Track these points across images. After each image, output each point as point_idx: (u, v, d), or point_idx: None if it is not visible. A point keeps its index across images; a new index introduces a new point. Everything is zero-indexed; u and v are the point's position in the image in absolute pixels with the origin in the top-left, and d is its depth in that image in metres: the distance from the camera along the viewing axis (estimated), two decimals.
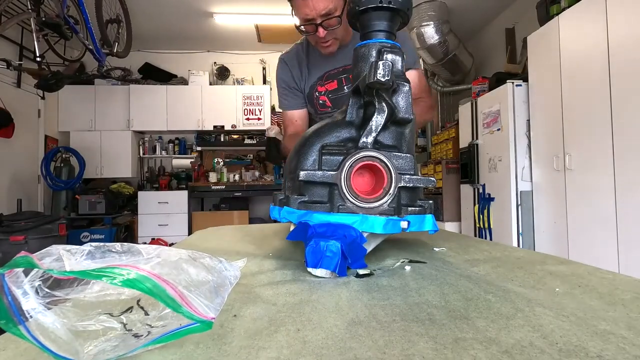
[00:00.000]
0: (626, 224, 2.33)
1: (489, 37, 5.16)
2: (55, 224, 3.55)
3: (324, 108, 1.38)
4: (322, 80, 1.36)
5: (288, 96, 1.40)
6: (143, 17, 4.80)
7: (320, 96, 1.37)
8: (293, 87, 1.39)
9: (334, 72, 1.35)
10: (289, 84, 1.39)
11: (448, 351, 0.29)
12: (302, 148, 0.62)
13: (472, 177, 3.88)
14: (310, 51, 1.37)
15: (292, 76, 1.38)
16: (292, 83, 1.38)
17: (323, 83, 1.35)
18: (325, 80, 1.35)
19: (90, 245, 0.31)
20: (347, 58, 1.34)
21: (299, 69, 1.38)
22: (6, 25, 3.09)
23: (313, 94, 1.38)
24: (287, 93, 1.39)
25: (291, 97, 1.40)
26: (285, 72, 1.39)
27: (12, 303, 0.24)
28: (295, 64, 1.38)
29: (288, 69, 1.38)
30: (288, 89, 1.39)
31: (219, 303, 0.31)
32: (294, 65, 1.38)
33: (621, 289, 0.45)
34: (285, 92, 1.40)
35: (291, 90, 1.39)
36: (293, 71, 1.38)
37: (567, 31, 2.85)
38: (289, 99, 1.40)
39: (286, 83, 1.39)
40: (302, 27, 1.19)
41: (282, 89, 1.41)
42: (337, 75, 1.35)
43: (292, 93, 1.39)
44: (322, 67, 1.35)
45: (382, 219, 0.56)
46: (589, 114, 2.62)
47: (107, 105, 5.68)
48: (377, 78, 0.54)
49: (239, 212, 5.57)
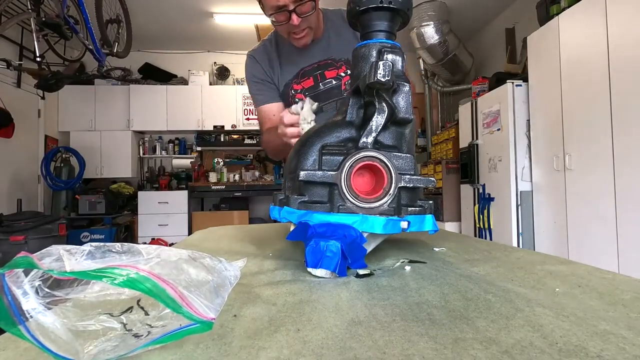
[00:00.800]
0: (626, 224, 2.33)
1: (489, 37, 5.16)
2: (55, 224, 3.55)
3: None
4: (297, 78, 1.31)
5: (262, 90, 1.33)
6: (143, 17, 4.80)
7: (296, 94, 1.32)
8: (266, 80, 1.32)
9: (309, 68, 1.30)
10: (260, 78, 1.32)
11: (448, 351, 0.29)
12: (302, 148, 0.62)
13: (472, 177, 3.88)
14: (280, 47, 1.32)
15: (264, 70, 1.32)
16: (264, 76, 1.32)
17: (299, 81, 1.31)
18: (301, 78, 1.30)
19: (90, 245, 0.31)
20: (320, 53, 1.30)
21: (270, 65, 1.32)
22: (6, 25, 3.09)
23: (288, 92, 1.32)
24: (261, 87, 1.33)
25: (265, 91, 1.33)
26: (255, 67, 1.33)
27: (12, 303, 0.24)
28: (265, 59, 1.32)
29: (258, 64, 1.32)
30: (261, 82, 1.32)
31: (219, 303, 0.31)
32: (264, 60, 1.32)
33: (621, 289, 0.45)
34: (259, 86, 1.33)
35: (264, 84, 1.32)
36: (263, 66, 1.32)
37: (567, 31, 2.85)
38: (264, 93, 1.33)
39: (257, 77, 1.32)
40: (273, 18, 1.12)
41: (254, 84, 1.33)
42: (312, 71, 1.30)
43: (266, 86, 1.33)
44: (296, 63, 1.30)
45: (382, 219, 0.56)
46: (589, 113, 2.62)
47: (107, 105, 5.68)
48: (377, 78, 0.54)
49: (239, 212, 5.57)
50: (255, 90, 1.34)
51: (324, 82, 1.32)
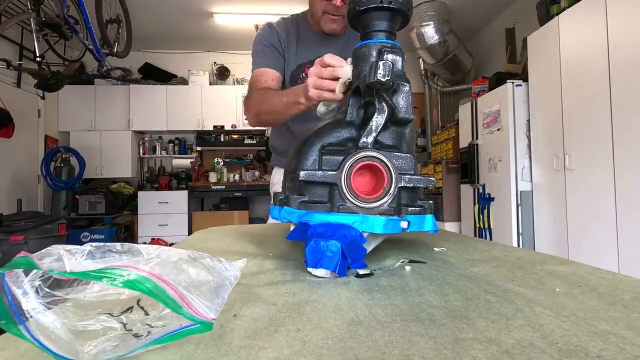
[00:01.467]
0: (626, 224, 2.33)
1: (489, 37, 5.16)
2: (55, 224, 3.55)
3: None
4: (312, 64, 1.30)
5: (268, 54, 1.23)
6: (143, 17, 4.80)
7: (305, 79, 1.26)
8: (276, 48, 1.24)
9: None
10: (271, 43, 1.24)
11: (448, 351, 0.29)
12: (302, 148, 0.62)
13: (472, 177, 3.88)
14: (301, 28, 1.28)
15: (278, 39, 1.25)
16: (277, 44, 1.24)
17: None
18: None
19: (91, 245, 0.31)
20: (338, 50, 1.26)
21: (286, 38, 1.26)
22: (6, 25, 3.09)
23: (299, 74, 1.27)
24: (267, 51, 1.23)
25: (271, 56, 1.23)
26: (270, 34, 1.25)
27: (12, 303, 0.24)
28: (283, 31, 1.27)
29: (274, 32, 1.25)
30: (270, 47, 1.24)
31: (219, 303, 0.31)
32: (282, 32, 1.26)
33: (621, 289, 0.45)
34: (266, 50, 1.23)
35: (272, 49, 1.24)
36: (280, 35, 1.25)
37: (567, 31, 2.85)
38: (269, 57, 1.23)
39: (268, 42, 1.24)
40: None
41: (262, 47, 1.23)
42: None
43: (274, 53, 1.24)
44: (315, 50, 1.24)
45: (382, 219, 0.56)
46: (589, 113, 2.62)
47: (107, 105, 5.68)
48: (377, 78, 0.54)
49: (239, 212, 5.57)
50: (261, 52, 1.24)
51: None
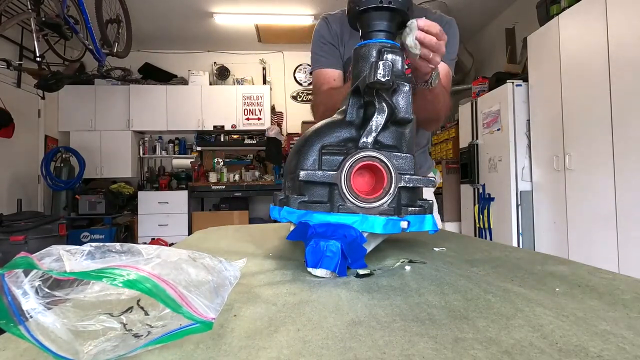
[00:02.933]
0: (626, 224, 2.33)
1: (489, 37, 5.16)
2: (55, 224, 3.55)
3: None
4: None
5: (327, 53, 1.23)
6: (143, 17, 4.80)
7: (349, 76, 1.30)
8: (333, 45, 1.24)
9: None
10: (328, 40, 1.24)
11: (448, 351, 0.29)
12: (302, 148, 0.62)
13: (472, 177, 3.88)
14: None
15: (333, 35, 1.23)
16: (333, 40, 1.24)
17: None
18: None
19: (90, 245, 0.31)
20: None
21: (341, 31, 1.24)
22: (6, 25, 3.09)
23: (347, 68, 1.25)
24: (326, 49, 1.24)
25: (330, 55, 1.23)
26: (325, 28, 1.24)
27: (12, 303, 0.24)
28: (338, 24, 1.24)
29: (330, 26, 1.24)
30: (328, 45, 1.24)
31: (219, 303, 0.31)
32: (337, 25, 1.24)
33: (621, 289, 0.45)
34: (325, 47, 1.24)
35: (330, 47, 1.24)
36: (335, 29, 1.24)
37: (567, 31, 2.85)
38: (328, 57, 1.23)
39: (325, 39, 1.24)
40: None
41: (320, 45, 1.24)
42: None
43: (332, 50, 1.24)
44: None
45: (382, 219, 0.56)
46: (589, 113, 2.62)
47: (107, 105, 5.68)
48: (377, 78, 0.54)
49: (239, 212, 5.57)
50: (320, 51, 1.25)
51: None
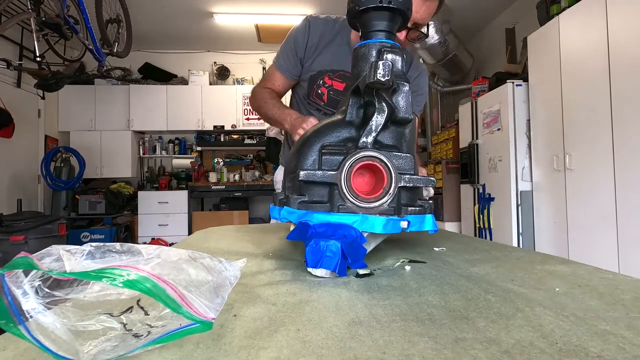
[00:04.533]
0: (626, 224, 2.33)
1: (489, 37, 5.16)
2: (55, 224, 3.55)
3: (318, 99, 1.31)
4: (333, 74, 1.28)
5: (289, 60, 1.31)
6: (143, 17, 4.80)
7: (322, 87, 1.29)
8: (298, 55, 1.29)
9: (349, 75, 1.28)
10: (296, 47, 1.29)
11: (448, 351, 0.29)
12: (302, 148, 0.62)
13: (472, 177, 3.88)
14: (339, 35, 1.28)
15: (306, 44, 1.28)
16: (301, 49, 1.29)
17: (333, 77, 1.28)
18: (336, 77, 1.28)
19: (90, 245, 0.31)
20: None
21: (318, 41, 1.28)
22: (6, 25, 3.09)
23: (317, 80, 1.29)
24: (290, 57, 1.30)
25: (291, 63, 1.31)
26: (301, 35, 1.28)
27: (12, 303, 0.24)
28: (318, 31, 1.28)
29: (307, 34, 1.27)
30: (294, 53, 1.29)
31: (219, 303, 0.31)
32: (316, 32, 1.27)
33: (621, 289, 0.45)
34: (290, 54, 1.30)
35: (294, 55, 1.30)
36: (311, 38, 1.27)
37: (567, 31, 2.85)
38: (288, 64, 1.31)
39: (294, 45, 1.29)
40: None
41: (289, 49, 1.30)
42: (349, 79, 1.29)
43: (293, 58, 1.30)
44: (341, 63, 1.27)
45: (382, 219, 0.56)
46: (589, 113, 2.62)
47: (107, 105, 5.68)
48: (377, 78, 0.54)
49: (239, 212, 5.57)
50: (284, 53, 1.32)
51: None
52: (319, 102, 1.31)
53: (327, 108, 1.31)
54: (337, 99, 1.29)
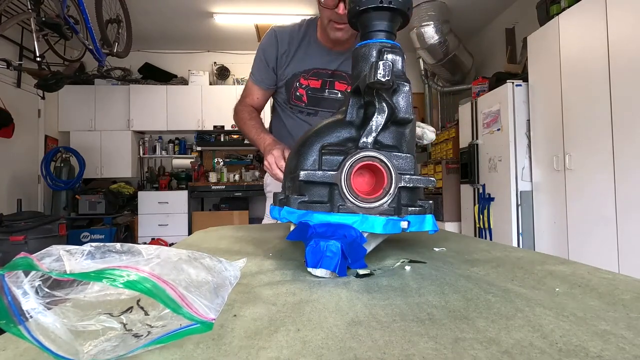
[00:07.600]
0: (626, 224, 2.33)
1: (489, 37, 5.16)
2: (55, 224, 3.55)
3: (298, 101, 1.35)
4: (308, 74, 1.32)
5: (262, 71, 1.36)
6: (143, 17, 4.80)
7: (299, 88, 1.33)
8: (270, 64, 1.34)
9: (323, 71, 1.31)
10: (267, 58, 1.33)
11: (448, 351, 0.29)
12: (302, 148, 0.62)
13: (472, 177, 3.88)
14: (307, 37, 1.32)
15: (276, 53, 1.32)
16: (272, 59, 1.33)
17: (307, 77, 1.32)
18: (311, 76, 1.31)
19: (90, 245, 0.31)
20: (340, 64, 1.31)
21: (288, 46, 1.32)
22: (6, 25, 3.09)
23: (293, 83, 1.33)
24: (262, 68, 1.35)
25: (265, 74, 1.36)
26: (271, 46, 1.33)
27: (12, 303, 0.24)
28: (285, 40, 1.32)
29: (275, 44, 1.32)
30: (266, 65, 1.34)
31: (219, 303, 0.31)
32: (284, 41, 1.32)
33: (621, 289, 0.45)
34: (260, 65, 1.35)
35: (266, 66, 1.34)
36: (280, 47, 1.32)
37: (567, 31, 2.85)
38: (262, 75, 1.36)
39: (265, 57, 1.34)
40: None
41: (260, 61, 1.35)
42: (324, 76, 1.31)
43: (266, 69, 1.35)
44: (313, 61, 1.31)
45: (382, 219, 0.56)
46: (589, 113, 2.62)
47: (107, 105, 5.68)
48: (377, 78, 0.54)
49: (239, 212, 5.57)
50: (256, 66, 1.37)
51: (331, 90, 1.33)
52: (300, 104, 1.35)
53: (309, 108, 1.35)
54: (317, 97, 1.33)
